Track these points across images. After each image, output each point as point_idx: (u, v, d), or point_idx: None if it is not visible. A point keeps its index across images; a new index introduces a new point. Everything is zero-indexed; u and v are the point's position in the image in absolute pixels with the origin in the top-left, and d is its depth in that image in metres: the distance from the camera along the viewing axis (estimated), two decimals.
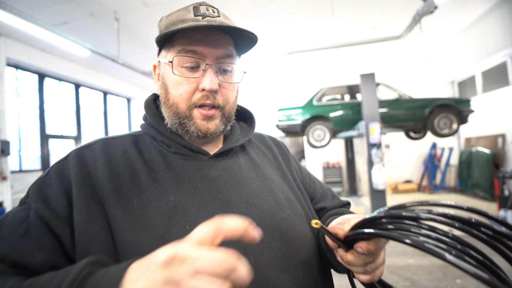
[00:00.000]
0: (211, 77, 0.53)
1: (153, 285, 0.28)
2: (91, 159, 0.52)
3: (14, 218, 0.45)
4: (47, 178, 0.50)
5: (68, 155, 0.53)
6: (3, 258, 0.41)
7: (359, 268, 0.46)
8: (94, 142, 0.56)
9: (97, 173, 0.50)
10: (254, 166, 0.62)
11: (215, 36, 0.54)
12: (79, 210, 0.45)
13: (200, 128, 0.55)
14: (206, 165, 0.56)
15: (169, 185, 0.51)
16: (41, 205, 0.46)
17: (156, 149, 0.57)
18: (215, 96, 0.55)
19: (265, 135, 0.77)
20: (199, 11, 0.54)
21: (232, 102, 0.59)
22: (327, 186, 0.78)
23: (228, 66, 0.56)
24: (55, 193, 0.47)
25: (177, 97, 0.55)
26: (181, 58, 0.53)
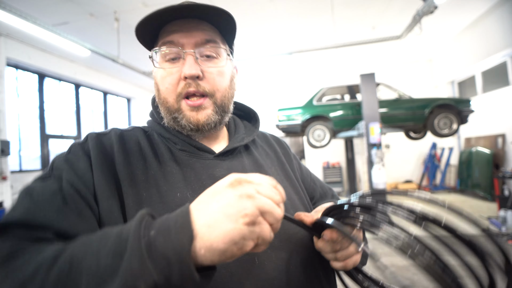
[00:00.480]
0: (190, 63, 0.52)
1: (230, 200, 0.33)
2: (108, 145, 0.53)
3: (46, 190, 0.43)
4: (72, 156, 0.49)
5: (87, 137, 0.53)
6: (48, 226, 0.39)
7: (330, 255, 0.49)
8: (109, 130, 0.57)
9: (113, 159, 0.51)
10: (257, 166, 0.62)
11: (191, 24, 0.54)
12: (102, 194, 0.46)
13: (190, 120, 0.54)
14: (211, 163, 0.56)
15: (177, 182, 0.51)
16: (74, 178, 0.45)
17: (164, 145, 0.57)
18: (198, 83, 0.53)
19: (268, 134, 0.77)
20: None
21: (224, 89, 0.57)
22: (327, 186, 0.79)
23: (212, 51, 0.55)
24: (83, 169, 0.47)
25: (164, 91, 0.55)
26: (162, 52, 0.54)
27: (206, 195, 0.36)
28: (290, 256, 0.51)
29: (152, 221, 0.33)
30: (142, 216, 0.33)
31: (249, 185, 0.35)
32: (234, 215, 0.32)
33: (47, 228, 0.39)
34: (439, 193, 6.94)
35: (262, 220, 0.34)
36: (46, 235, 0.39)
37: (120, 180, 0.49)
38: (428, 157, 7.33)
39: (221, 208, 0.33)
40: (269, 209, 0.34)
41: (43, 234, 0.38)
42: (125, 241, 0.30)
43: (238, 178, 0.36)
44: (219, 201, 0.34)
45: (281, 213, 0.35)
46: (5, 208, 4.25)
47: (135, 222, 0.32)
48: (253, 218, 0.32)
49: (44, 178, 0.46)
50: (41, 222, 0.39)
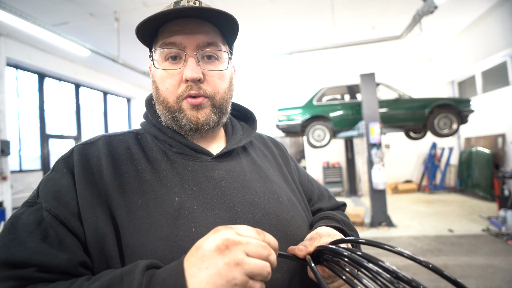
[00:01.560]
0: (192, 66, 0.52)
1: (218, 269, 0.34)
2: (94, 156, 0.51)
3: (29, 221, 0.43)
4: (54, 174, 0.48)
5: (72, 150, 0.52)
6: (30, 263, 0.39)
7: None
8: (97, 138, 0.55)
9: (101, 171, 0.49)
10: (256, 167, 0.61)
11: (193, 25, 0.53)
12: (86, 211, 0.45)
13: (191, 119, 0.54)
14: (209, 165, 0.55)
15: (173, 186, 0.50)
16: (53, 203, 0.44)
17: (158, 148, 0.56)
18: (199, 86, 0.53)
19: (264, 135, 0.76)
20: (179, 4, 0.53)
21: (223, 91, 0.57)
22: (324, 187, 0.79)
23: (213, 53, 0.55)
24: (66, 186, 0.46)
25: (164, 92, 0.54)
26: (162, 52, 0.53)
27: (196, 257, 0.35)
28: (299, 263, 0.51)
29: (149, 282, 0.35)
30: (139, 281, 0.35)
31: (237, 248, 0.35)
32: (223, 285, 0.33)
33: (29, 265, 0.39)
34: (439, 193, 6.95)
35: (252, 283, 0.35)
36: (29, 272, 0.39)
37: (110, 191, 0.47)
38: (428, 157, 7.33)
39: (211, 278, 0.33)
40: (257, 271, 0.35)
41: (25, 272, 0.39)
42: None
43: (225, 240, 0.35)
44: (208, 269, 0.34)
45: (269, 269, 0.36)
46: (5, 208, 4.25)
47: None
48: (242, 287, 0.34)
49: (31, 204, 0.46)
50: (22, 260, 0.39)
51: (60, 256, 0.41)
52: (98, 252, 0.43)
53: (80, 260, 0.42)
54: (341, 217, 0.64)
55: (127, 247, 0.44)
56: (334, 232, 0.53)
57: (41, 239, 0.41)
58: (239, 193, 0.53)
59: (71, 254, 0.42)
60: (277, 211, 0.54)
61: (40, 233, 0.42)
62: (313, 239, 0.50)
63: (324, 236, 0.51)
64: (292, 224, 0.55)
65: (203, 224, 0.47)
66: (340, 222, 0.60)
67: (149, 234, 0.45)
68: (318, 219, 0.63)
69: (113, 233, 0.44)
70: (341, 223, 0.60)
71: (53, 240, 0.42)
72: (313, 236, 0.51)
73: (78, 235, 0.44)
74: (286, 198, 0.59)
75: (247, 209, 0.52)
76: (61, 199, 0.45)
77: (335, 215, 0.64)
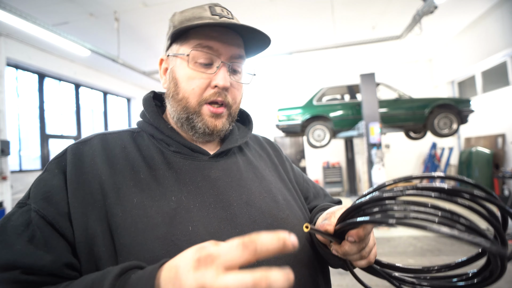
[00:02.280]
0: (224, 74, 0.54)
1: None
2: (88, 155, 0.51)
3: (18, 222, 0.43)
4: (46, 175, 0.48)
5: (65, 150, 0.52)
6: (15, 265, 0.39)
7: (355, 255, 0.48)
8: (92, 137, 0.55)
9: (95, 170, 0.49)
10: (252, 167, 0.62)
11: (230, 36, 0.55)
12: (76, 211, 0.44)
13: (208, 125, 0.55)
14: (206, 165, 0.56)
15: (170, 185, 0.50)
16: (42, 204, 0.44)
17: (155, 147, 0.56)
18: (226, 94, 0.55)
19: (259, 136, 0.77)
20: (215, 11, 0.55)
21: (239, 102, 0.60)
22: (319, 186, 0.80)
23: (239, 66, 0.58)
24: (56, 186, 0.46)
25: (188, 91, 0.54)
26: (197, 53, 0.54)
27: (174, 270, 0.31)
28: (288, 256, 0.51)
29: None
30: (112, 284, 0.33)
31: (211, 266, 0.29)
32: None
33: (14, 268, 0.39)
34: None
35: None
36: (14, 275, 0.39)
37: (105, 190, 0.47)
38: (428, 157, 7.33)
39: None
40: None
41: (10, 274, 0.39)
42: None
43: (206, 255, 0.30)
44: (174, 285, 0.30)
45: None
46: (5, 208, 4.26)
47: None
48: None
49: (21, 205, 0.46)
50: (6, 262, 0.39)
51: (45, 257, 0.41)
52: (88, 252, 0.43)
53: (66, 262, 0.42)
54: (338, 206, 0.65)
55: (123, 246, 0.43)
56: (343, 205, 0.54)
57: (28, 240, 0.41)
58: (236, 193, 0.54)
59: (56, 256, 0.41)
60: (273, 211, 0.55)
61: (28, 234, 0.42)
62: (328, 217, 0.51)
63: (337, 210, 0.51)
64: (288, 223, 0.55)
65: (200, 223, 0.47)
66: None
67: (146, 233, 0.44)
68: (316, 212, 0.64)
69: (104, 233, 0.44)
70: None
71: (40, 241, 0.42)
72: (326, 217, 0.52)
73: (66, 235, 0.44)
74: (281, 198, 0.59)
75: (244, 209, 0.52)
76: (51, 199, 0.45)
77: (331, 204, 0.66)
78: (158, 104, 0.64)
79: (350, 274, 0.50)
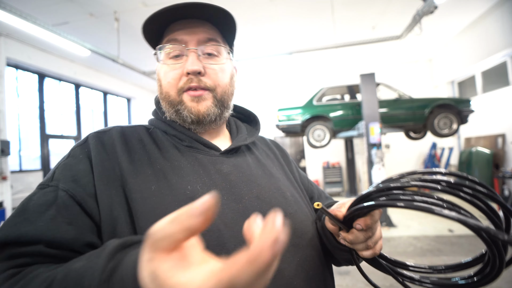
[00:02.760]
0: (192, 59, 0.55)
1: None
2: (109, 144, 0.53)
3: (41, 201, 0.44)
4: (71, 160, 0.50)
5: (87, 137, 0.55)
6: (39, 239, 0.41)
7: (361, 245, 0.50)
8: (110, 128, 0.58)
9: (116, 158, 0.51)
10: (260, 164, 0.64)
11: (194, 24, 0.57)
12: (102, 193, 0.46)
13: (191, 110, 0.56)
14: (218, 160, 0.58)
15: (186, 175, 0.52)
16: (71, 185, 0.46)
17: (168, 141, 0.58)
18: (200, 78, 0.56)
19: (266, 138, 0.80)
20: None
21: (224, 85, 0.60)
22: (321, 189, 0.82)
23: (213, 49, 0.58)
24: (83, 170, 0.48)
25: (166, 86, 0.57)
26: (166, 50, 0.57)
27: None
28: (297, 250, 0.53)
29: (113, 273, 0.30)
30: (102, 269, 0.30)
31: None
32: None
33: (39, 242, 0.40)
34: None
35: None
36: (38, 248, 0.40)
37: (125, 176, 0.49)
38: (428, 157, 7.33)
39: None
40: None
41: (34, 248, 0.40)
42: None
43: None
44: None
45: None
46: (5, 208, 4.25)
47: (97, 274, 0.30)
48: None
49: (43, 186, 0.47)
50: (31, 238, 0.40)
51: (69, 233, 0.42)
52: (111, 232, 0.45)
53: (89, 240, 0.43)
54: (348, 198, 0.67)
55: (141, 230, 0.45)
56: (352, 198, 0.55)
57: (52, 217, 0.43)
58: (246, 187, 0.56)
59: (80, 233, 0.43)
60: (282, 206, 0.57)
61: (52, 212, 0.43)
62: (340, 207, 0.52)
63: (348, 202, 0.52)
64: (296, 218, 0.57)
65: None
66: None
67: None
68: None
69: (126, 216, 0.46)
70: None
71: (64, 219, 0.43)
72: (337, 206, 0.53)
73: (93, 215, 0.45)
74: (289, 194, 0.61)
75: (254, 202, 0.54)
76: (79, 181, 0.47)
77: (336, 202, 0.67)
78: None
79: (350, 275, 0.51)
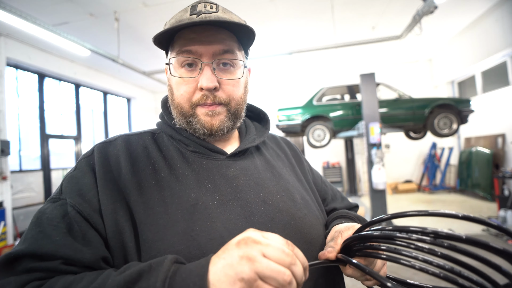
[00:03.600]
0: (207, 75, 0.53)
1: (232, 260, 0.35)
2: (113, 155, 0.53)
3: (53, 215, 0.45)
4: (78, 172, 0.50)
5: (93, 149, 0.54)
6: (56, 255, 0.41)
7: (361, 277, 0.49)
8: (116, 138, 0.57)
9: (120, 169, 0.51)
10: (269, 166, 0.63)
11: (210, 33, 0.53)
12: (106, 207, 0.47)
13: (205, 125, 0.55)
14: (224, 164, 0.57)
15: (189, 182, 0.52)
16: (78, 200, 0.46)
17: (174, 147, 0.58)
18: (215, 94, 0.54)
19: (277, 136, 0.78)
20: (196, 9, 0.53)
21: (238, 98, 0.58)
22: (336, 189, 0.80)
23: (228, 61, 0.55)
24: (88, 184, 0.49)
25: (179, 97, 0.56)
26: (179, 59, 0.54)
27: (222, 250, 0.37)
28: (306, 256, 0.52)
29: (175, 274, 0.36)
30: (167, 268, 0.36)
31: (255, 245, 0.35)
32: (232, 277, 0.34)
33: (54, 258, 0.41)
34: (439, 193, 6.94)
35: (261, 285, 0.33)
36: (54, 265, 0.41)
37: (128, 189, 0.49)
38: (428, 157, 7.33)
39: (224, 267, 0.35)
40: (270, 274, 0.33)
41: (51, 264, 0.41)
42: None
43: (247, 236, 0.37)
44: (225, 259, 0.35)
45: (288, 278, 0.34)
46: (5, 208, 4.25)
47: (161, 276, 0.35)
48: (249, 283, 0.33)
49: (54, 200, 0.48)
50: (47, 252, 0.41)
51: (84, 250, 0.43)
52: (118, 247, 0.45)
53: (103, 255, 0.44)
54: (354, 213, 0.66)
55: (145, 242, 0.45)
56: (352, 224, 0.54)
57: (66, 232, 0.43)
58: (253, 191, 0.55)
59: (95, 249, 0.44)
60: (290, 209, 0.55)
61: (65, 226, 0.44)
62: (335, 238, 0.51)
63: (345, 230, 0.52)
64: (306, 222, 0.56)
65: (218, 219, 0.49)
66: (355, 219, 0.62)
67: (166, 228, 0.46)
68: (332, 218, 0.64)
69: (131, 228, 0.46)
70: (356, 220, 0.62)
71: (78, 234, 0.44)
72: (333, 236, 0.53)
73: (99, 230, 0.46)
74: (299, 197, 0.60)
75: (261, 207, 0.53)
76: (84, 196, 0.47)
77: (348, 212, 0.65)
78: None
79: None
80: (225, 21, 0.51)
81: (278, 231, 0.50)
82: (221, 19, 0.51)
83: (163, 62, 6.64)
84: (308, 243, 0.53)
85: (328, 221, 0.64)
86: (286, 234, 0.51)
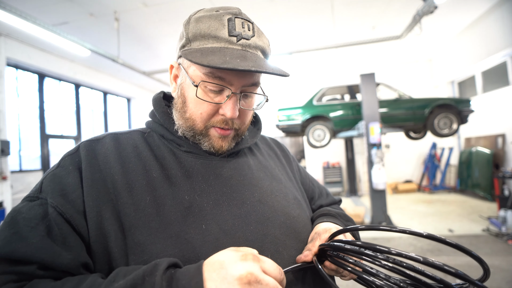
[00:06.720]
0: (233, 105, 0.51)
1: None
2: (102, 154, 0.50)
3: (31, 215, 0.42)
4: (61, 171, 0.47)
5: (78, 147, 0.51)
6: (31, 259, 0.39)
7: (337, 274, 0.52)
8: (104, 136, 0.54)
9: (108, 169, 0.48)
10: (262, 166, 0.63)
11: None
12: (90, 209, 0.44)
13: (214, 146, 0.54)
14: (218, 164, 0.56)
15: (183, 183, 0.50)
16: (60, 200, 0.44)
17: (166, 147, 0.56)
18: (233, 121, 0.54)
19: (267, 137, 0.78)
20: (234, 29, 0.49)
21: (248, 122, 0.59)
22: (322, 185, 0.82)
23: (251, 93, 0.55)
24: (73, 184, 0.46)
25: (195, 114, 0.52)
26: (207, 82, 0.50)
27: (218, 275, 0.37)
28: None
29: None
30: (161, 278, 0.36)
31: (256, 287, 0.37)
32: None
33: (31, 262, 0.39)
34: (439, 193, 6.94)
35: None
36: (31, 270, 0.38)
37: (117, 189, 0.47)
38: (428, 157, 7.33)
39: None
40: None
41: (27, 268, 0.38)
42: None
43: (249, 274, 0.37)
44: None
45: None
46: (5, 208, 4.25)
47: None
48: None
49: (32, 199, 0.45)
50: (23, 256, 0.38)
51: (64, 255, 0.40)
52: (102, 252, 0.43)
53: (83, 261, 0.42)
54: (336, 210, 0.67)
55: (137, 245, 0.43)
56: (330, 226, 0.55)
57: (44, 235, 0.41)
58: (248, 191, 0.54)
59: (75, 254, 0.41)
60: (285, 209, 0.56)
61: (43, 229, 0.41)
62: (314, 239, 0.52)
63: (323, 233, 0.53)
64: (299, 221, 0.56)
65: (214, 221, 0.48)
66: (335, 216, 0.63)
67: (159, 231, 0.45)
68: (316, 217, 0.65)
69: (117, 233, 0.44)
70: (337, 216, 0.64)
71: (57, 237, 0.41)
72: (313, 237, 0.54)
73: (82, 234, 0.43)
74: (292, 197, 0.60)
75: (257, 206, 0.53)
76: (68, 196, 0.44)
77: (330, 210, 0.66)
78: (168, 104, 0.62)
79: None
80: (273, 73, 0.48)
81: (274, 230, 0.51)
82: (264, 67, 0.47)
83: (163, 62, 6.64)
84: (302, 242, 0.54)
85: (313, 218, 0.65)
86: (282, 233, 0.52)
